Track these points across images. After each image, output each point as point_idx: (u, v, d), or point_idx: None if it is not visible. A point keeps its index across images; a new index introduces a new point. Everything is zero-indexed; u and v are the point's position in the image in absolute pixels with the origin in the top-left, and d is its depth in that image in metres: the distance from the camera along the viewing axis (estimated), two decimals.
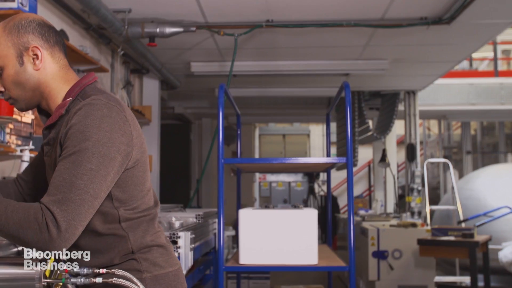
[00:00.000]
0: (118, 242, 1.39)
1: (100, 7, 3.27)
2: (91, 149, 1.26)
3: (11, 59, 1.37)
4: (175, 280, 1.47)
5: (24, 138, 2.74)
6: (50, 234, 1.19)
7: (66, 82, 1.43)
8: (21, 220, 1.20)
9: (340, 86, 3.08)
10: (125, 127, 1.34)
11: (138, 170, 1.41)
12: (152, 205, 1.48)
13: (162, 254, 1.46)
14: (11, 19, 1.41)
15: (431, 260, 5.09)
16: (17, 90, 1.40)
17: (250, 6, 3.74)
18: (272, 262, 2.83)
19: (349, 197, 2.85)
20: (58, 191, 1.22)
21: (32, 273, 1.30)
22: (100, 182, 1.27)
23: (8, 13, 2.48)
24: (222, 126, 2.86)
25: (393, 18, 3.97)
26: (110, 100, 1.35)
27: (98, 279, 1.30)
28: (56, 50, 1.42)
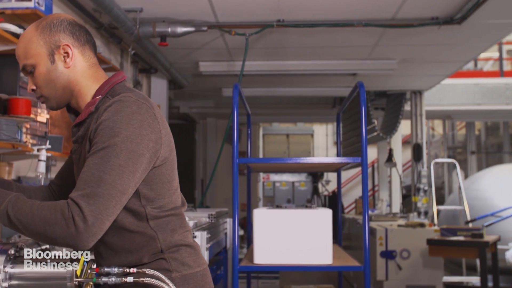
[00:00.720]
0: (147, 241, 1.39)
1: (113, 6, 3.27)
2: (120, 145, 1.26)
3: (43, 57, 1.38)
4: (203, 280, 1.47)
5: (39, 138, 2.74)
6: (77, 228, 1.18)
7: (95, 81, 1.44)
8: (47, 217, 1.20)
9: (354, 86, 3.08)
10: (154, 125, 1.34)
11: (166, 168, 1.40)
12: (179, 204, 1.48)
13: (191, 253, 1.46)
14: (43, 19, 1.43)
15: (439, 260, 5.09)
16: (48, 88, 1.41)
17: (261, 6, 3.73)
18: (287, 262, 2.83)
19: (364, 197, 2.85)
20: (86, 185, 1.22)
21: (63, 272, 1.30)
22: (128, 178, 1.27)
23: (25, 13, 2.49)
24: (236, 126, 2.86)
25: (404, 18, 3.97)
26: (139, 98, 1.36)
27: (129, 278, 1.30)
28: (86, 49, 1.44)
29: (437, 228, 5.18)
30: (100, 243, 1.39)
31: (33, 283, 1.31)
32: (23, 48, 1.39)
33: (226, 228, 3.89)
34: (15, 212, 1.22)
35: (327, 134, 13.11)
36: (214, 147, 9.74)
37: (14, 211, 1.22)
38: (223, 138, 9.78)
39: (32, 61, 1.38)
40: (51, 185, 1.64)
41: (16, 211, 1.22)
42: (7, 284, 1.29)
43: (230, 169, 2.87)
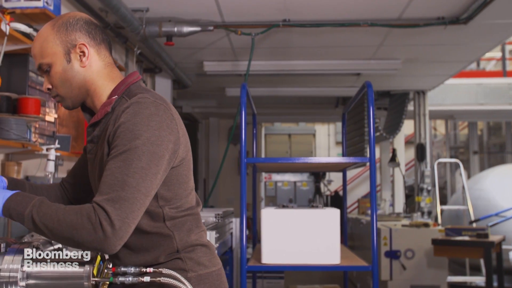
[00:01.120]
0: (164, 240, 1.39)
1: (120, 6, 3.27)
2: (141, 147, 1.26)
3: (59, 56, 1.38)
4: (218, 280, 1.47)
5: (47, 137, 2.74)
6: (104, 233, 1.19)
7: (111, 80, 1.44)
8: (74, 222, 1.20)
9: (361, 86, 3.08)
10: (172, 125, 1.34)
11: (183, 168, 1.41)
12: (194, 204, 1.48)
13: (206, 253, 1.46)
14: (59, 17, 1.42)
15: (443, 260, 5.09)
16: (64, 87, 1.41)
17: (267, 6, 3.73)
18: (294, 261, 2.84)
19: (371, 197, 2.85)
20: (111, 189, 1.22)
21: (80, 272, 1.30)
22: (151, 180, 1.27)
23: (34, 12, 2.49)
24: (244, 125, 2.86)
25: (410, 17, 3.97)
26: (156, 99, 1.36)
27: (145, 278, 1.30)
28: (102, 48, 1.43)
29: (441, 228, 5.18)
30: None
31: (50, 282, 1.31)
32: (39, 47, 1.39)
33: (232, 228, 3.89)
34: (40, 217, 1.22)
35: (329, 134, 13.09)
36: (217, 146, 9.74)
37: (40, 216, 1.23)
38: (225, 137, 9.86)
39: (48, 60, 1.38)
40: (63, 183, 1.64)
41: (41, 215, 1.22)
42: (25, 283, 1.29)
43: (232, 169, 2.88)
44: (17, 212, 1.26)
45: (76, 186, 1.62)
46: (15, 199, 1.27)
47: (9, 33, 2.14)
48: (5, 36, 2.13)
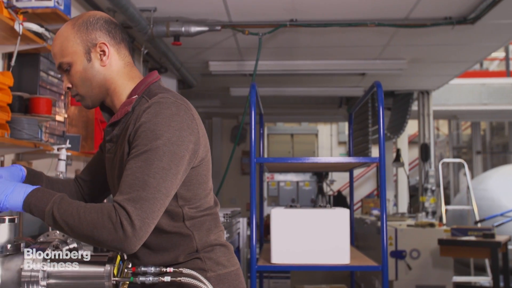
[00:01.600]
0: (183, 240, 1.39)
1: (128, 6, 3.27)
2: (162, 147, 1.26)
3: (80, 55, 1.38)
4: (236, 280, 1.47)
5: (57, 137, 2.74)
6: (125, 233, 1.19)
7: (131, 80, 1.44)
8: (95, 220, 1.20)
9: (371, 85, 3.08)
10: (193, 126, 1.34)
11: (203, 168, 1.41)
12: (213, 204, 1.48)
13: (225, 253, 1.46)
14: (79, 16, 1.42)
15: (449, 260, 5.09)
16: (84, 86, 1.40)
17: (275, 6, 3.73)
18: (304, 261, 2.84)
19: (381, 197, 2.85)
20: (132, 189, 1.22)
21: (101, 272, 1.30)
22: (171, 180, 1.27)
23: (45, 12, 2.49)
24: (254, 125, 2.86)
25: (417, 17, 3.97)
26: (177, 99, 1.36)
27: (166, 277, 1.30)
28: (122, 47, 1.43)
29: (447, 228, 5.18)
30: None
31: (71, 281, 1.31)
32: (60, 46, 1.39)
33: (239, 228, 3.89)
34: (61, 214, 1.22)
35: (332, 134, 13.09)
36: (220, 146, 9.74)
37: (60, 213, 1.22)
38: (228, 137, 9.85)
39: (68, 59, 1.38)
40: (77, 179, 1.64)
41: (62, 212, 1.22)
42: (46, 283, 1.29)
43: (234, 168, 2.88)
44: (38, 208, 1.25)
45: (90, 183, 1.62)
46: (36, 195, 1.27)
47: (22, 33, 2.14)
48: (19, 36, 2.13)
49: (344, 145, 12.96)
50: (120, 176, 1.39)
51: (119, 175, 1.39)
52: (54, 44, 1.41)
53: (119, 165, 1.38)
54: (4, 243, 1.33)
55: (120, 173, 1.38)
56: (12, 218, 1.36)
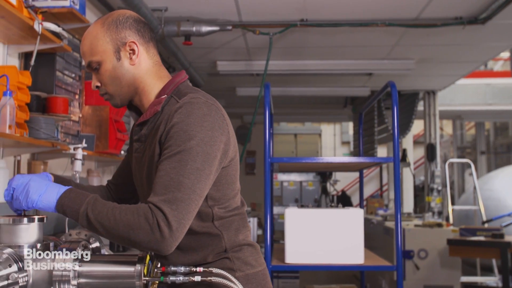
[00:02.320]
0: (212, 240, 1.39)
1: (141, 5, 3.27)
2: (195, 148, 1.26)
3: (109, 54, 1.37)
4: (264, 280, 1.47)
5: (72, 136, 2.74)
6: (162, 234, 1.18)
7: (159, 79, 1.44)
8: (131, 221, 1.20)
9: (384, 85, 3.08)
10: (223, 126, 1.34)
11: (232, 169, 1.41)
12: (240, 205, 1.48)
13: (252, 253, 1.46)
14: (109, 15, 1.42)
15: (457, 260, 5.08)
16: (113, 85, 1.40)
17: (286, 5, 3.73)
18: (318, 261, 2.84)
19: (396, 198, 2.85)
20: (167, 190, 1.22)
21: (131, 271, 1.30)
22: (205, 181, 1.27)
23: (61, 12, 2.49)
24: (268, 125, 2.86)
25: (428, 17, 3.97)
26: (208, 99, 1.36)
27: (196, 277, 1.30)
28: (151, 46, 1.43)
29: (454, 228, 5.18)
30: None
31: (102, 281, 1.31)
32: (89, 45, 1.38)
33: None
34: (95, 215, 1.22)
35: (335, 134, 13.09)
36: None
37: (95, 214, 1.22)
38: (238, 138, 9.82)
39: (98, 58, 1.37)
40: (108, 184, 1.65)
41: (96, 214, 1.22)
42: (76, 282, 1.29)
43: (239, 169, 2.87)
44: (71, 209, 1.25)
45: (121, 186, 1.62)
46: (69, 196, 1.27)
47: (41, 32, 2.14)
48: (38, 35, 2.13)
49: (347, 145, 12.96)
50: (148, 176, 1.39)
51: (147, 175, 1.39)
52: (84, 43, 1.40)
53: (147, 164, 1.38)
54: (34, 243, 1.33)
55: (148, 173, 1.38)
56: (41, 217, 1.36)
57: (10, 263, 1.23)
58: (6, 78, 1.98)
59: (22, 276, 1.24)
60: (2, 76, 2.00)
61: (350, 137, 12.67)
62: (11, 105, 1.98)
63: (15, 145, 2.31)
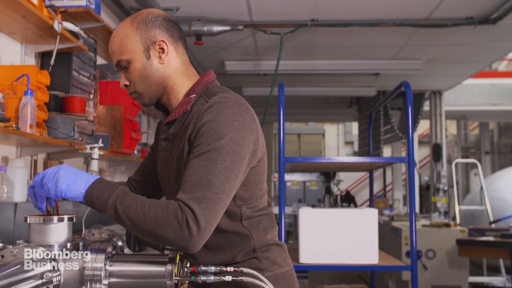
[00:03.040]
0: (241, 240, 1.39)
1: (154, 5, 3.28)
2: (225, 147, 1.25)
3: (139, 53, 1.37)
4: (291, 280, 1.47)
5: (87, 136, 2.74)
6: (190, 232, 1.18)
7: (188, 78, 1.43)
8: (160, 217, 1.19)
9: (398, 85, 3.08)
10: (253, 126, 1.34)
11: (260, 169, 1.40)
12: (267, 205, 1.48)
13: (280, 253, 1.46)
14: (138, 14, 1.41)
15: (464, 260, 5.08)
16: (142, 84, 1.40)
17: (298, 5, 3.73)
18: (332, 261, 2.83)
19: (411, 198, 2.85)
20: (196, 188, 1.21)
21: (162, 271, 1.30)
22: (234, 180, 1.26)
23: (77, 11, 2.49)
24: (283, 125, 2.86)
25: (439, 17, 3.97)
26: (238, 99, 1.36)
27: (227, 277, 1.30)
28: (180, 45, 1.43)
29: (462, 228, 5.18)
30: None
31: (132, 280, 1.31)
32: (118, 44, 1.38)
33: None
34: (124, 208, 1.21)
35: (338, 134, 13.11)
36: None
37: (123, 207, 1.22)
38: None
39: (127, 56, 1.37)
40: (130, 180, 1.64)
41: (125, 207, 1.22)
42: (107, 282, 1.29)
43: None
44: (100, 200, 1.24)
45: (143, 184, 1.62)
46: (98, 186, 1.25)
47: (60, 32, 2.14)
48: (58, 35, 2.13)
49: (351, 145, 12.97)
50: (177, 175, 1.39)
51: (176, 174, 1.39)
52: (113, 41, 1.40)
53: (176, 163, 1.38)
54: (64, 242, 1.33)
55: (177, 172, 1.38)
56: (71, 217, 1.36)
57: (44, 262, 1.23)
58: (27, 77, 1.98)
59: (55, 275, 1.24)
60: (23, 75, 2.00)
61: (354, 137, 12.67)
62: (32, 105, 1.98)
63: (32, 145, 2.31)
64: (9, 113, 1.99)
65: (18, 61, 2.35)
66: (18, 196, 2.17)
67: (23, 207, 2.21)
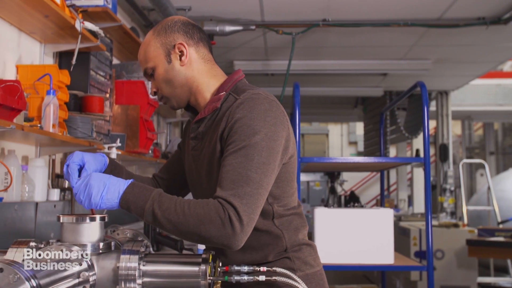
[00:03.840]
0: (273, 239, 1.39)
1: (168, 5, 3.28)
2: (260, 143, 1.26)
3: (161, 58, 1.41)
4: (322, 279, 1.47)
5: (103, 135, 2.74)
6: (233, 229, 1.18)
7: (213, 77, 1.45)
8: (201, 216, 1.19)
9: (413, 85, 3.08)
10: (284, 121, 1.34)
11: (291, 166, 1.40)
12: (297, 204, 1.48)
13: (311, 252, 1.46)
14: (159, 23, 1.47)
15: (473, 261, 5.08)
16: (167, 88, 1.43)
17: (310, 5, 3.73)
18: (348, 261, 2.83)
19: (426, 199, 2.85)
20: (235, 185, 1.21)
21: (196, 271, 1.30)
22: (270, 176, 1.27)
23: (95, 10, 2.49)
24: (298, 125, 2.86)
25: (450, 18, 3.97)
26: (268, 95, 1.37)
27: (260, 277, 1.29)
28: (201, 46, 1.45)
29: (471, 228, 5.18)
30: None
31: (166, 280, 1.31)
32: (143, 53, 1.44)
33: None
34: (163, 211, 1.21)
35: (342, 134, 13.10)
36: None
37: (162, 210, 1.21)
38: None
39: (151, 63, 1.42)
40: (155, 177, 1.64)
41: (164, 209, 1.21)
42: (141, 281, 1.29)
43: None
44: (137, 206, 1.25)
45: (168, 181, 1.62)
46: (132, 192, 1.26)
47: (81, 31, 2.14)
48: (79, 34, 2.13)
49: (354, 145, 12.96)
50: (208, 173, 1.39)
51: (208, 172, 1.39)
52: (139, 52, 1.47)
53: (207, 162, 1.38)
54: (97, 241, 1.33)
55: (209, 170, 1.38)
56: (103, 216, 1.36)
57: (80, 261, 1.23)
58: (49, 77, 1.98)
59: (91, 274, 1.24)
60: (45, 75, 2.00)
61: (357, 137, 12.66)
62: (54, 104, 1.98)
63: (51, 144, 2.31)
64: (32, 113, 1.99)
65: (37, 61, 2.35)
66: (38, 195, 2.17)
67: (43, 207, 2.21)
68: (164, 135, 4.62)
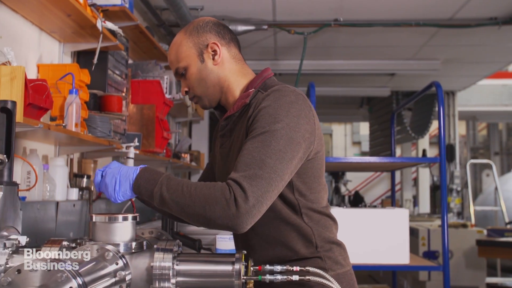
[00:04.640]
0: (303, 236, 1.38)
1: (182, 5, 3.28)
2: (280, 131, 1.26)
3: (193, 58, 1.43)
4: (352, 279, 1.47)
5: (120, 135, 2.74)
6: (238, 209, 1.17)
7: (243, 76, 1.47)
8: (207, 196, 1.19)
9: (428, 85, 3.08)
10: (310, 116, 1.34)
11: (318, 162, 1.40)
12: (326, 203, 1.47)
13: (341, 252, 1.46)
14: (190, 24, 1.49)
15: (482, 261, 5.08)
16: (199, 87, 1.45)
17: (322, 5, 3.73)
18: (363, 261, 2.83)
19: (442, 199, 2.85)
20: (248, 167, 1.21)
21: (229, 270, 1.29)
22: (287, 164, 1.26)
23: (113, 10, 2.49)
24: None
25: (462, 18, 3.96)
26: (296, 89, 1.38)
27: (294, 276, 1.29)
28: (232, 46, 1.47)
29: (479, 229, 5.18)
30: (255, 235, 1.39)
31: (199, 279, 1.31)
32: (175, 53, 1.45)
33: None
34: (170, 194, 1.22)
35: (346, 134, 13.09)
36: None
37: (170, 193, 1.22)
38: None
39: (183, 63, 1.43)
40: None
41: (172, 192, 1.22)
42: (175, 281, 1.29)
43: None
44: (147, 190, 1.26)
45: None
46: (143, 176, 1.28)
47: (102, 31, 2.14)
48: (100, 34, 2.13)
49: (358, 145, 12.96)
50: None
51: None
52: (170, 52, 1.47)
53: (236, 157, 1.38)
54: (129, 241, 1.33)
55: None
56: (135, 216, 1.36)
57: (116, 261, 1.23)
58: (72, 76, 1.98)
59: (127, 273, 1.24)
60: (67, 74, 2.00)
61: (361, 137, 12.66)
62: (77, 103, 1.98)
63: (70, 143, 2.31)
64: (54, 112, 1.99)
65: (56, 60, 2.35)
66: (59, 195, 2.17)
67: (63, 206, 2.21)
68: (175, 135, 4.63)
